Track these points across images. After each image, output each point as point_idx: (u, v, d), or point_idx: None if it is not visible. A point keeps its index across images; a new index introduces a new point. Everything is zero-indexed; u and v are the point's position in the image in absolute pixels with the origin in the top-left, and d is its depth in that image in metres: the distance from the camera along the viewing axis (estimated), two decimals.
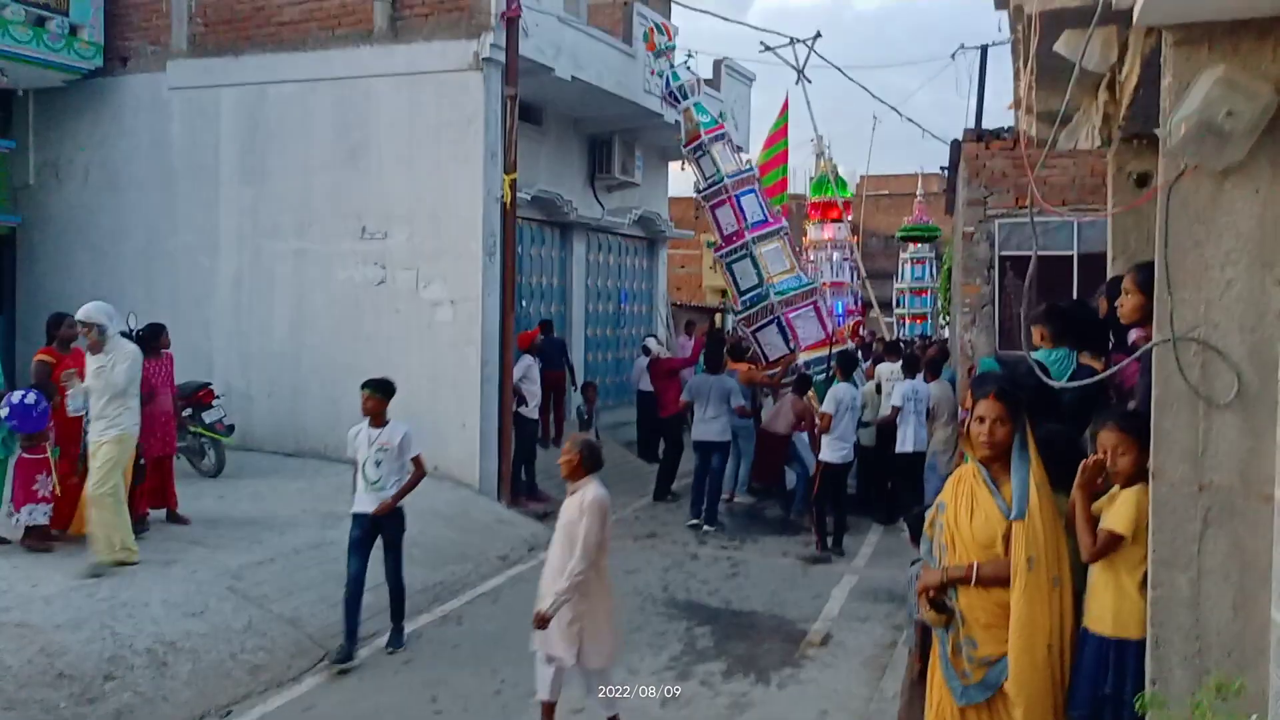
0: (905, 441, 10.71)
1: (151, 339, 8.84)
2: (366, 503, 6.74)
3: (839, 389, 10.13)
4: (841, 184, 26.86)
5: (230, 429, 10.86)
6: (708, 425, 11.00)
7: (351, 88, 11.63)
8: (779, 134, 17.84)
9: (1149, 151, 4.93)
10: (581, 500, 5.01)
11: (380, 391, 6.81)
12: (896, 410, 10.68)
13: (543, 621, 4.90)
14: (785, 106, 17.88)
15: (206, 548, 8.07)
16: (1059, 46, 4.25)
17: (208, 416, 10.63)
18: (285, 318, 12.16)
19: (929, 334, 24.63)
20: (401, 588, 7.07)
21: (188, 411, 10.44)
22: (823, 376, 11.66)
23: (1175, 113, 3.11)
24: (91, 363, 7.38)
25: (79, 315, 7.42)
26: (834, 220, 26.03)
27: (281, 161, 12.11)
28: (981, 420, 3.79)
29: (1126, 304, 4.17)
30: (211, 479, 10.57)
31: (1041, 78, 4.89)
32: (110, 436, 7.29)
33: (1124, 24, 3.51)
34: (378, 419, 6.80)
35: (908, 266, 28.27)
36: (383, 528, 6.81)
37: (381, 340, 11.49)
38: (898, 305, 28.84)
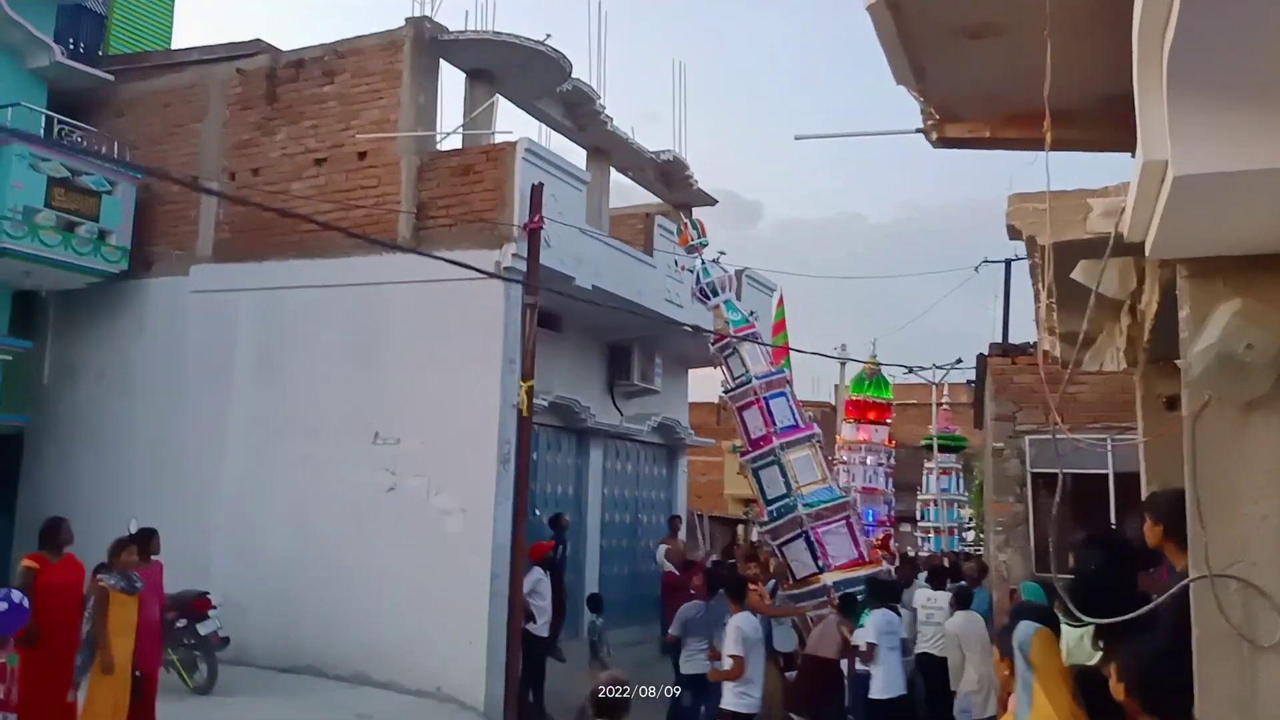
0: (878, 685, 9.34)
1: (141, 544, 8.77)
2: None
3: (744, 623, 8.54)
4: (883, 384, 26.67)
5: (226, 641, 10.66)
6: (701, 660, 9.74)
7: (370, 293, 12.03)
8: (778, 326, 17.97)
9: (1178, 373, 5.02)
10: None
11: None
12: (872, 647, 9.53)
13: None
14: (781, 301, 18.14)
15: None
16: (1076, 274, 4.41)
17: (203, 628, 10.47)
18: (288, 524, 12.14)
19: (954, 549, 24.14)
20: None
21: (182, 622, 10.30)
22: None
23: (1194, 344, 3.20)
24: None
25: None
26: (872, 422, 25.82)
27: (295, 365, 12.42)
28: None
29: (1149, 534, 4.16)
30: (203, 696, 10.30)
31: (1061, 301, 5.04)
32: None
33: (1140, 253, 3.66)
34: None
35: (932, 477, 28.00)
36: None
37: (387, 550, 11.42)
38: (922, 518, 28.44)
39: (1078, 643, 4.70)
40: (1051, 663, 3.83)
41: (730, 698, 8.48)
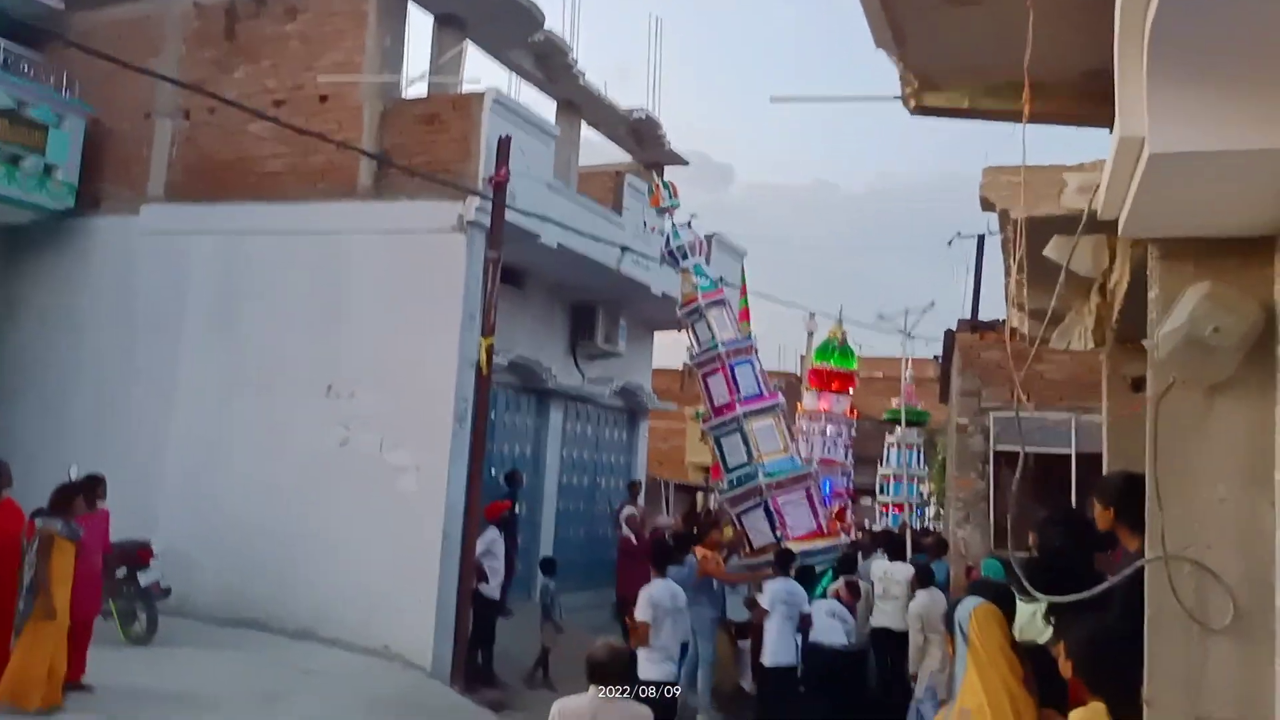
0: (770, 650, 9.45)
1: (88, 491, 8.68)
2: None
3: (656, 590, 8.44)
4: (848, 354, 26.61)
5: (167, 592, 10.62)
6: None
7: (330, 242, 11.90)
8: (740, 292, 18.00)
9: (1144, 355, 5.08)
10: None
11: None
12: (762, 613, 9.72)
13: None
14: (743, 266, 18.21)
15: None
16: (1048, 251, 4.44)
17: (143, 577, 10.41)
18: (238, 476, 12.03)
19: (913, 525, 24.42)
20: None
21: (122, 571, 10.23)
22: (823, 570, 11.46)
23: (1162, 326, 3.24)
24: None
25: None
26: (834, 391, 25.85)
27: (250, 313, 12.27)
28: None
29: (1099, 518, 4.22)
30: (141, 646, 10.25)
31: (1032, 277, 5.08)
32: None
33: (1113, 231, 3.70)
34: None
35: (893, 451, 28.22)
36: None
37: (339, 506, 11.38)
38: (881, 492, 28.72)
39: (1030, 620, 4.79)
40: (989, 640, 3.90)
41: (644, 666, 8.20)
